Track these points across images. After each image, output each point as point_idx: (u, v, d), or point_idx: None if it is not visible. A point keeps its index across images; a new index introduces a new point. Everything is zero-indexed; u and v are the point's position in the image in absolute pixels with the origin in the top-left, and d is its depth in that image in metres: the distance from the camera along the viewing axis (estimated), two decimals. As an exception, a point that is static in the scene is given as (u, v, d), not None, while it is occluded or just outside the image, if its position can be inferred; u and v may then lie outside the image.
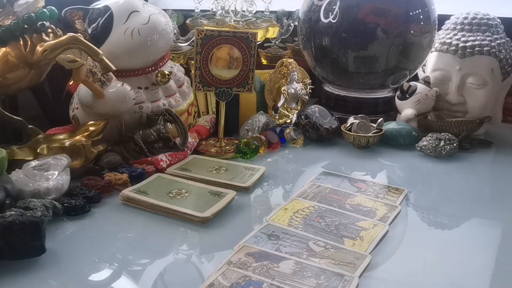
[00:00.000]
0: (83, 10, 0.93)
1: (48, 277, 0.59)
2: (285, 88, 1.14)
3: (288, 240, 0.66)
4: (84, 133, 0.86)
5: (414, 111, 1.05)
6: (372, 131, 1.02)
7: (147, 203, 0.75)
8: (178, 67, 1.02)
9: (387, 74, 1.11)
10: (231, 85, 0.95)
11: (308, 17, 1.12)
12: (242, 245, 0.64)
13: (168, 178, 0.84)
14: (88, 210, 0.74)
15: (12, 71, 0.83)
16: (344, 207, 0.76)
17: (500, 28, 1.09)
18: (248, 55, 0.94)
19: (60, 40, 0.81)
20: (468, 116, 1.08)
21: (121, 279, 0.59)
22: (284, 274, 0.58)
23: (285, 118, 1.13)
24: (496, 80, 1.06)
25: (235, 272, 0.58)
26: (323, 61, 1.14)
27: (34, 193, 0.72)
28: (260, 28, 1.16)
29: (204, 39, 0.91)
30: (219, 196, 0.77)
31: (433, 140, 0.98)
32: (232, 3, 1.17)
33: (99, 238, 0.68)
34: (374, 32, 1.05)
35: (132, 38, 0.89)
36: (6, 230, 0.58)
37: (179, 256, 0.65)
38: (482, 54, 1.04)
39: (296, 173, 0.92)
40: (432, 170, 0.94)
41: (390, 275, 0.61)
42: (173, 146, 0.92)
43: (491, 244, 0.68)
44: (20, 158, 0.81)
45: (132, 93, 0.89)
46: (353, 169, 0.92)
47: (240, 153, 0.95)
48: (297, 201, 0.77)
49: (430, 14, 1.08)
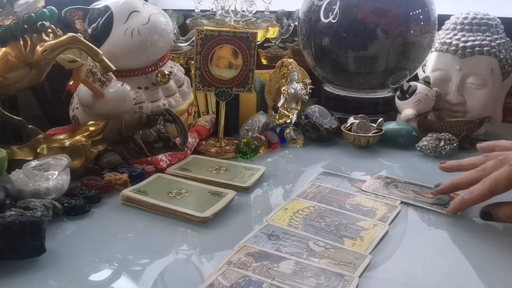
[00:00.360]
0: (83, 10, 0.93)
1: (48, 277, 0.59)
2: (285, 88, 1.14)
3: (288, 240, 0.66)
4: (84, 133, 0.86)
5: (414, 111, 1.05)
6: (372, 131, 1.02)
7: (147, 203, 0.75)
8: (178, 67, 1.02)
9: (387, 74, 1.11)
10: (231, 85, 0.96)
11: (308, 17, 1.12)
12: (242, 245, 0.64)
13: (168, 178, 0.84)
14: (88, 210, 0.74)
15: (12, 71, 0.83)
16: (344, 207, 0.76)
17: (500, 28, 1.09)
18: (248, 55, 0.94)
19: (60, 40, 0.81)
20: (468, 116, 1.08)
21: (121, 279, 0.59)
22: (284, 274, 0.58)
23: (285, 118, 1.13)
24: (496, 80, 1.07)
25: (235, 272, 0.58)
26: (323, 61, 1.14)
27: (34, 193, 0.72)
28: (260, 28, 1.16)
29: (204, 39, 0.91)
30: (219, 196, 0.77)
31: (433, 140, 0.98)
32: (232, 3, 1.17)
33: (99, 238, 0.68)
34: (374, 32, 1.05)
35: (132, 38, 0.89)
36: (6, 230, 0.58)
37: (179, 256, 0.65)
38: (482, 54, 1.04)
39: (296, 173, 0.92)
40: (432, 170, 0.94)
41: (390, 275, 0.61)
42: (173, 146, 0.92)
43: (491, 244, 0.68)
44: (20, 158, 0.81)
45: (132, 93, 0.89)
46: (353, 169, 0.92)
47: (240, 153, 0.95)
48: (297, 201, 0.77)
49: (430, 14, 1.08)
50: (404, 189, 0.83)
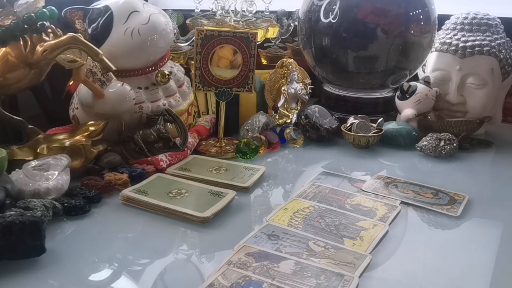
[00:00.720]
0: (83, 10, 0.93)
1: (48, 277, 0.59)
2: (285, 88, 1.13)
3: (288, 240, 0.66)
4: (84, 133, 0.86)
5: (414, 111, 1.05)
6: (372, 131, 1.02)
7: (147, 203, 0.75)
8: (178, 67, 1.02)
9: (387, 74, 1.11)
10: (231, 85, 0.95)
11: (308, 17, 1.12)
12: (242, 245, 0.64)
13: (168, 178, 0.84)
14: (88, 210, 0.74)
15: (12, 71, 0.83)
16: (344, 207, 0.76)
17: (500, 28, 1.09)
18: (248, 55, 0.94)
19: (60, 40, 0.81)
20: (468, 116, 1.08)
21: (121, 279, 0.60)
22: (284, 274, 0.58)
23: (285, 118, 1.13)
24: (496, 80, 1.06)
25: (235, 272, 0.58)
26: (323, 61, 1.14)
27: (34, 193, 0.72)
28: (260, 28, 1.16)
29: (204, 39, 0.91)
30: (219, 196, 0.77)
31: (433, 140, 0.98)
32: (232, 3, 1.17)
33: (99, 238, 0.68)
34: (374, 32, 1.05)
35: (132, 38, 0.89)
36: (6, 230, 0.58)
37: (179, 256, 0.65)
38: (482, 54, 1.04)
39: (296, 173, 0.92)
40: (432, 170, 0.94)
41: (390, 275, 0.61)
42: (173, 146, 0.93)
43: (491, 244, 0.68)
44: (20, 158, 0.81)
45: (132, 93, 0.89)
46: (353, 169, 0.92)
47: (240, 153, 0.95)
48: (297, 201, 0.77)
49: (430, 14, 1.08)
50: (404, 189, 0.83)
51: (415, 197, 0.80)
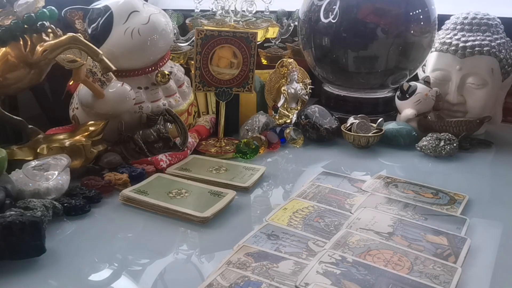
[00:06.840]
0: (83, 10, 0.93)
1: (48, 277, 0.59)
2: (285, 88, 1.14)
3: (288, 240, 0.66)
4: (84, 133, 0.86)
5: (414, 111, 1.05)
6: (372, 131, 1.02)
7: (147, 203, 0.75)
8: (178, 67, 1.02)
9: (387, 74, 1.11)
10: (231, 85, 0.96)
11: (308, 17, 1.12)
12: (241, 245, 0.64)
13: (168, 178, 0.84)
14: (88, 210, 0.74)
15: (12, 71, 0.83)
16: (343, 207, 0.76)
17: (500, 28, 1.09)
18: (248, 55, 0.94)
19: (60, 40, 0.81)
20: (468, 116, 1.08)
21: (121, 279, 0.60)
22: (283, 274, 0.58)
23: (285, 118, 1.13)
24: (496, 80, 1.06)
25: (234, 272, 0.58)
26: (323, 61, 1.14)
27: (34, 193, 0.72)
28: (260, 28, 1.16)
29: (204, 39, 0.91)
30: (219, 196, 0.77)
31: (433, 140, 0.98)
32: (232, 3, 1.17)
33: (99, 238, 0.68)
34: (374, 32, 1.05)
35: (132, 38, 0.89)
36: (6, 230, 0.58)
37: (179, 256, 0.65)
38: (482, 54, 1.04)
39: (296, 173, 0.92)
40: (432, 170, 0.94)
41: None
42: (173, 146, 0.93)
43: (491, 244, 0.68)
44: (20, 158, 0.81)
45: (132, 93, 0.89)
46: (353, 169, 0.92)
47: (240, 153, 0.95)
48: (297, 201, 0.77)
49: (430, 14, 1.08)
50: (404, 189, 0.83)
51: (415, 197, 0.80)
